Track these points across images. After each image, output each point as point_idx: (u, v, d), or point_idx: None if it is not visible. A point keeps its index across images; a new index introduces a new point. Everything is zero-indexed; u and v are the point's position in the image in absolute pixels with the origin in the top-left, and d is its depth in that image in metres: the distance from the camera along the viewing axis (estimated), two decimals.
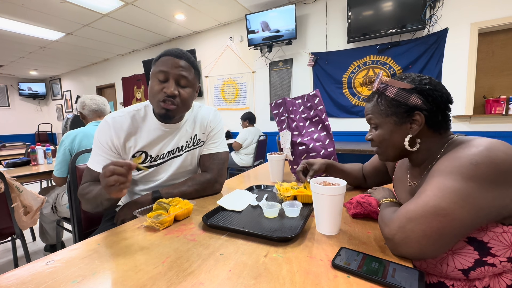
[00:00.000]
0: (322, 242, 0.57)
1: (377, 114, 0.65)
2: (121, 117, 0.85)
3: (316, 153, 1.10)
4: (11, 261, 1.79)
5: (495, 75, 2.46)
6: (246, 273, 0.46)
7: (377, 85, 0.64)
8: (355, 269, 0.45)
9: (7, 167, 1.86)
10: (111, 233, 0.65)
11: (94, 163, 0.83)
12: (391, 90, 0.61)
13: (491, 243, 0.50)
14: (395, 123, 0.62)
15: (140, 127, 0.87)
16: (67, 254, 0.54)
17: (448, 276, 0.55)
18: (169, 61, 0.80)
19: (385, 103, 0.62)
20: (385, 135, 0.64)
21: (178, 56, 0.82)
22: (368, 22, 2.74)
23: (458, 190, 0.47)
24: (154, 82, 0.82)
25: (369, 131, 0.71)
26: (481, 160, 0.47)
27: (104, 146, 0.83)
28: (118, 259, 0.52)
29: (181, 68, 0.81)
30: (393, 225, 0.51)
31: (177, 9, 3.33)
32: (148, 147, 0.88)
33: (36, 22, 3.55)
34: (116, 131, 0.83)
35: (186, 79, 0.83)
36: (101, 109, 1.66)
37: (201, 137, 0.98)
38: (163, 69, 0.80)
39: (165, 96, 0.80)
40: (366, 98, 0.70)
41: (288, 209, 0.72)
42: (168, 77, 0.81)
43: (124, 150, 0.86)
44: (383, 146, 0.67)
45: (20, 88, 7.09)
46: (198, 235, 0.62)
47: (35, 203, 1.34)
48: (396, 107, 0.61)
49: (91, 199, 0.76)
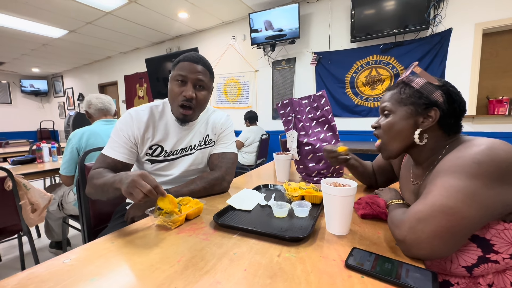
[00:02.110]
0: (334, 242, 0.58)
1: (394, 101, 0.65)
2: (143, 111, 0.93)
3: (322, 153, 1.10)
4: (16, 257, 1.81)
5: (499, 76, 2.46)
6: (261, 272, 0.47)
7: (407, 74, 0.65)
8: (369, 270, 0.46)
9: (13, 164, 1.87)
10: (124, 231, 0.66)
11: (110, 150, 0.88)
12: (418, 82, 0.62)
13: (494, 240, 0.51)
14: (410, 112, 0.62)
15: (158, 122, 0.94)
16: (83, 253, 0.55)
17: (453, 273, 0.57)
18: (187, 66, 0.87)
19: (407, 92, 0.63)
20: (395, 123, 0.65)
21: (196, 61, 0.89)
22: (372, 22, 2.73)
23: (464, 188, 0.48)
24: (174, 85, 0.89)
25: (377, 120, 0.71)
26: (484, 158, 0.48)
27: (124, 136, 0.89)
28: (134, 257, 0.53)
29: (198, 73, 0.88)
30: (403, 227, 0.52)
31: (181, 7, 3.32)
32: (164, 141, 0.94)
33: (39, 20, 3.55)
34: (137, 123, 0.90)
35: (203, 82, 0.90)
36: (107, 107, 1.67)
37: (212, 138, 1.04)
38: (182, 73, 0.87)
39: (184, 99, 0.87)
40: (387, 88, 0.70)
41: (298, 209, 0.73)
42: (187, 81, 0.88)
43: (142, 141, 0.92)
44: (389, 135, 0.67)
45: (22, 85, 7.09)
46: (210, 234, 0.63)
47: (43, 200, 1.35)
48: (417, 98, 0.61)
49: (99, 186, 0.77)
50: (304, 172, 1.16)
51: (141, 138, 0.91)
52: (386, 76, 2.85)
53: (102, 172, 0.82)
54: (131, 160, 0.91)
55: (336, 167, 1.15)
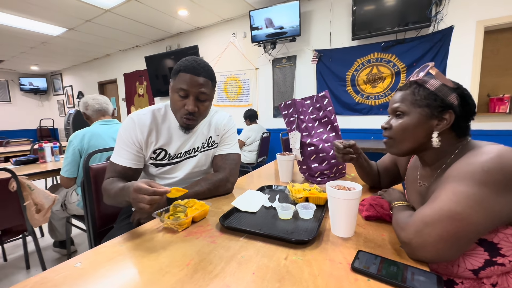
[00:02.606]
0: (339, 245, 0.59)
1: (408, 103, 0.64)
2: (144, 114, 0.91)
3: (325, 154, 1.11)
4: (21, 257, 1.82)
5: (500, 74, 2.46)
6: (269, 276, 0.48)
7: (423, 75, 0.63)
8: (375, 273, 0.47)
9: (15, 164, 1.87)
10: (132, 234, 0.67)
11: (118, 157, 0.88)
12: (433, 83, 0.62)
13: (501, 244, 0.52)
14: (425, 115, 0.62)
15: (161, 125, 0.93)
16: (93, 256, 0.56)
17: (459, 275, 0.57)
18: (189, 80, 0.84)
19: (422, 94, 0.62)
20: (409, 125, 0.64)
21: (197, 73, 0.84)
22: (373, 19, 2.72)
23: (473, 195, 0.49)
24: (175, 97, 0.87)
25: (388, 120, 0.70)
26: (493, 166, 0.49)
27: (129, 141, 0.88)
28: (144, 261, 0.54)
29: (200, 86, 0.85)
30: (409, 229, 0.53)
31: (180, 4, 3.30)
32: (167, 145, 0.94)
33: (38, 18, 3.52)
34: (140, 127, 0.89)
35: (205, 95, 0.88)
36: (104, 108, 1.67)
37: (215, 139, 1.04)
38: (183, 87, 0.84)
39: (186, 113, 0.87)
40: (399, 87, 0.68)
41: (302, 211, 0.74)
42: (188, 94, 0.85)
43: (146, 145, 0.91)
44: (402, 136, 0.66)
45: (21, 83, 7.06)
46: (217, 237, 0.64)
47: (47, 201, 1.36)
48: (433, 101, 0.61)
49: (112, 196, 0.80)
50: (307, 173, 1.16)
51: (145, 142, 0.90)
52: (387, 74, 2.85)
53: (112, 182, 0.83)
54: (139, 165, 0.92)
55: (338, 167, 1.16)
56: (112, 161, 0.89)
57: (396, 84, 2.83)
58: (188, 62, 0.85)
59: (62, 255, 1.86)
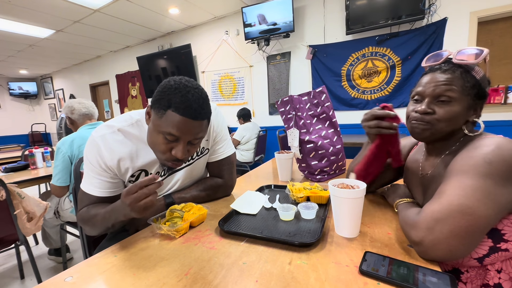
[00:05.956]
0: (344, 246, 0.56)
1: (460, 88, 0.57)
2: (112, 134, 0.73)
3: (324, 151, 1.09)
4: (15, 266, 1.77)
5: (494, 64, 2.46)
6: (273, 283, 0.45)
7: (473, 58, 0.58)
8: (385, 276, 0.44)
9: (5, 172, 1.81)
10: (126, 243, 0.63)
11: (89, 187, 0.74)
12: (478, 71, 0.58)
13: (505, 230, 0.52)
14: (470, 104, 0.58)
15: (136, 145, 0.76)
16: (85, 269, 0.53)
17: (463, 265, 0.57)
18: (183, 126, 0.63)
19: (471, 81, 0.57)
20: (458, 114, 0.58)
21: (195, 117, 0.64)
22: (367, 13, 2.69)
23: (479, 187, 0.48)
24: (159, 139, 0.66)
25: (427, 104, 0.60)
26: (494, 158, 0.49)
27: (97, 168, 0.73)
28: (139, 272, 0.51)
29: (197, 132, 0.67)
30: (419, 227, 0.51)
31: (171, 3, 3.23)
32: (148, 165, 0.79)
33: (24, 20, 3.42)
34: (108, 151, 0.72)
35: (200, 140, 0.71)
36: (91, 112, 1.62)
37: (205, 145, 0.90)
38: (175, 134, 0.63)
39: (174, 159, 0.68)
40: (440, 67, 0.60)
41: (304, 211, 0.71)
42: (179, 140, 0.66)
43: (120, 171, 0.75)
44: (446, 124, 0.59)
45: (10, 88, 6.88)
46: (217, 243, 0.61)
47: (38, 209, 1.31)
48: (478, 90, 0.58)
49: (99, 223, 0.69)
50: (307, 171, 1.14)
51: (117, 168, 0.74)
52: (382, 68, 2.83)
53: (91, 209, 0.72)
54: (117, 191, 0.77)
55: (338, 164, 1.13)
56: (84, 190, 0.75)
57: (392, 78, 2.81)
58: (181, 95, 0.62)
59: (57, 263, 1.81)
